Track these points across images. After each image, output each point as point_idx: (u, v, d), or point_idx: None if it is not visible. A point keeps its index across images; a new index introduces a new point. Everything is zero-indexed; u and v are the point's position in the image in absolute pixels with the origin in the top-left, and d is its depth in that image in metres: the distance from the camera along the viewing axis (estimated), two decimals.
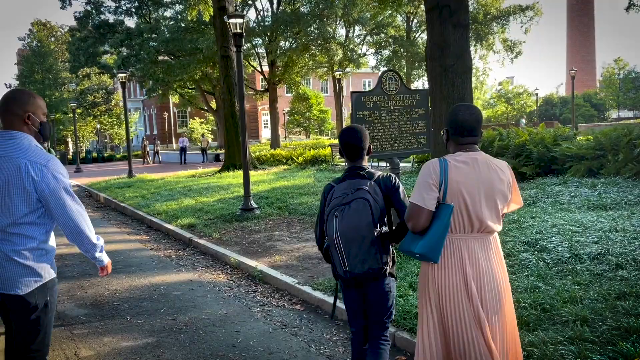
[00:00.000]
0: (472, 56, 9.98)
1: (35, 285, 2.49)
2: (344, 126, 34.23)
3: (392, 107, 6.44)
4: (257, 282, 6.40)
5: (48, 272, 2.56)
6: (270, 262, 6.90)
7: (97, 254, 2.69)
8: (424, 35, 41.97)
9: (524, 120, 43.09)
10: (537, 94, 48.46)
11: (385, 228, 3.14)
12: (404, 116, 6.54)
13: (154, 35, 32.62)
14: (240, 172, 17.51)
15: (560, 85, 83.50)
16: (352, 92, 6.23)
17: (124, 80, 19.58)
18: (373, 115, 6.33)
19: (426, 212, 2.60)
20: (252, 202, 10.36)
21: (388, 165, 7.35)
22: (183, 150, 31.35)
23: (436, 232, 2.56)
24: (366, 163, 3.39)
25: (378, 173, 3.27)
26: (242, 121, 10.45)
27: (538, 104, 51.36)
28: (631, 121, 32.73)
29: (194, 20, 30.67)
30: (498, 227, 2.65)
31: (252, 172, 17.77)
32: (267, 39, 32.33)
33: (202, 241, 8.49)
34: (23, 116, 2.50)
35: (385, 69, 29.50)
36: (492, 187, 2.56)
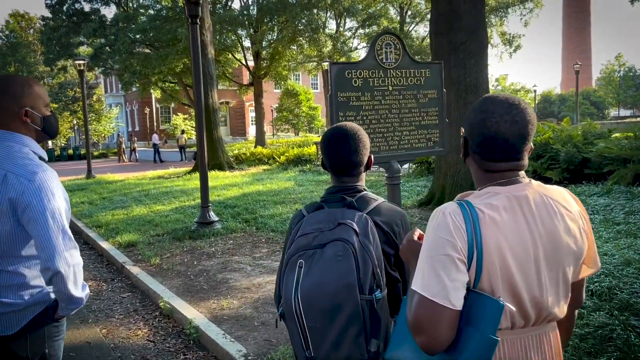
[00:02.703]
0: None
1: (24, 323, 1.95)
2: (331, 125, 32.38)
3: (390, 88, 4.36)
4: (189, 344, 4.31)
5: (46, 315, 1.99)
6: (215, 310, 4.82)
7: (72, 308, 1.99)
8: (419, 28, 40.00)
9: None
10: (535, 91, 46.65)
11: (379, 293, 1.70)
12: (407, 101, 4.46)
13: (131, 26, 30.43)
14: (214, 173, 15.42)
15: (556, 85, 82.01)
16: (331, 63, 4.14)
17: (82, 68, 17.36)
18: (362, 99, 4.24)
19: (451, 315, 1.29)
20: (211, 213, 8.25)
21: (384, 171, 5.29)
22: (156, 147, 29.21)
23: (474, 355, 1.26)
24: (362, 182, 1.97)
25: (377, 202, 1.87)
26: (199, 112, 8.32)
27: (536, 102, 49.58)
28: (633, 120, 31.00)
29: (171, 7, 28.46)
30: (564, 311, 1.43)
31: (226, 174, 15.69)
32: (251, 29, 30.19)
33: (135, 269, 6.38)
34: (19, 113, 1.93)
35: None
36: (557, 247, 1.37)
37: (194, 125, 43.91)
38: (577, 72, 30.59)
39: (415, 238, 1.52)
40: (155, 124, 48.49)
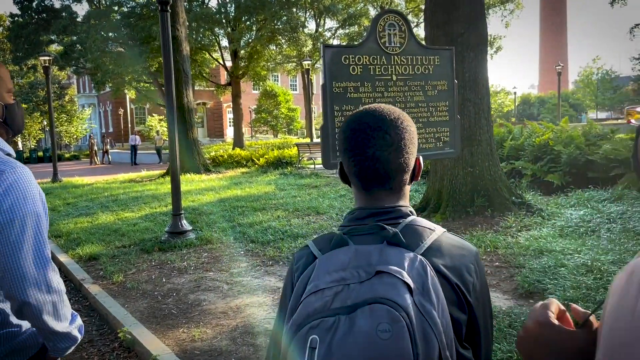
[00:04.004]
0: None
1: None
2: (314, 126, 31.59)
3: (394, 77, 3.65)
4: None
5: None
6: (184, 342, 4.05)
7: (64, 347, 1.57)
8: None
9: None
10: (515, 93, 46.63)
11: None
12: (413, 93, 3.76)
13: (103, 23, 29.31)
14: (189, 176, 14.58)
15: (534, 87, 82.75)
16: (324, 46, 3.42)
17: (47, 64, 16.32)
18: (362, 91, 3.52)
19: None
20: (184, 222, 7.45)
21: None
22: (134, 149, 28.15)
23: None
24: (406, 200, 1.20)
25: (435, 234, 1.11)
26: (171, 110, 7.51)
27: (516, 104, 49.63)
28: (614, 122, 31.00)
29: (145, 4, 27.49)
30: None
31: (202, 177, 14.84)
32: (229, 28, 29.32)
33: (95, 288, 5.56)
34: None
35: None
36: None
37: None
38: (559, 74, 30.48)
39: (553, 318, 0.80)
40: (130, 125, 47.13)
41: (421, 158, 1.17)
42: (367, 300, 0.96)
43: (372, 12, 36.58)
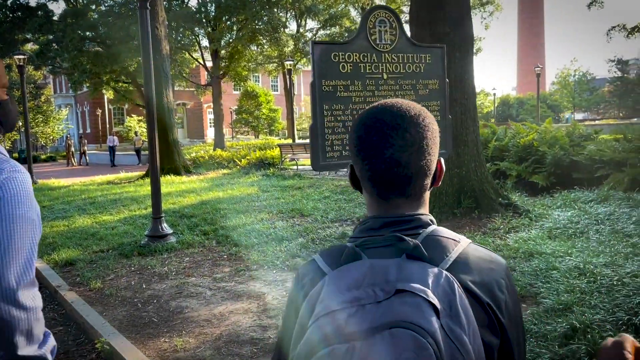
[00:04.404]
0: None
1: None
2: (295, 127, 31.40)
3: (385, 76, 3.53)
4: None
5: None
6: (166, 352, 3.88)
7: None
8: None
9: None
10: (494, 94, 47.07)
11: None
12: (405, 92, 3.64)
13: (80, 22, 28.74)
14: (169, 178, 14.31)
15: (512, 88, 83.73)
16: (314, 43, 3.27)
17: (22, 64, 15.91)
18: (352, 90, 3.39)
19: None
20: (164, 225, 7.23)
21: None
22: (112, 150, 27.66)
23: None
24: (426, 208, 1.03)
25: (461, 246, 0.95)
26: (150, 110, 7.29)
27: (495, 105, 50.09)
28: (587, 122, 31.44)
29: (123, 2, 27.06)
30: None
31: (182, 179, 14.58)
32: (209, 27, 29.00)
33: (71, 295, 5.33)
34: None
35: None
36: None
37: None
38: (537, 75, 30.81)
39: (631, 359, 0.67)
40: (107, 125, 46.37)
41: (442, 160, 1.03)
42: (386, 324, 0.82)
43: (354, 13, 36.57)
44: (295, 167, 16.08)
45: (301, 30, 34.40)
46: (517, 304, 0.98)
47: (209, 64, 30.95)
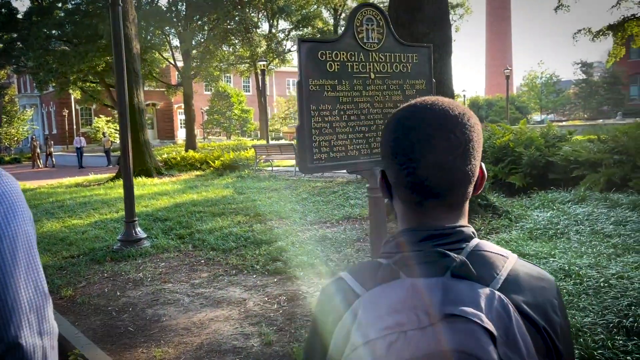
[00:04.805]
0: None
1: None
2: (268, 128, 31.19)
3: (372, 75, 3.44)
4: None
5: None
6: None
7: None
8: None
9: None
10: (464, 96, 47.71)
11: None
12: (392, 92, 3.55)
13: (46, 20, 27.92)
14: (141, 180, 13.98)
15: (480, 90, 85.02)
16: (300, 40, 3.16)
17: None
18: (340, 89, 3.29)
19: None
20: (138, 229, 7.01)
21: (364, 181, 4.30)
22: (80, 151, 26.97)
23: None
24: (466, 218, 0.92)
25: (510, 262, 0.85)
26: (123, 111, 7.06)
27: (465, 106, 50.78)
28: (554, 124, 32.11)
29: (91, 0, 26.43)
30: None
31: (154, 180, 14.26)
32: (180, 27, 28.54)
33: None
34: None
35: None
36: None
37: (117, 128, 41.46)
38: (507, 77, 31.35)
39: None
40: (75, 126, 45.24)
41: (484, 165, 0.93)
42: (435, 354, 0.72)
43: (326, 14, 36.57)
44: (270, 168, 15.91)
45: (273, 30, 34.22)
46: (569, 326, 0.89)
47: (180, 63, 30.46)
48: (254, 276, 5.45)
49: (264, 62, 25.77)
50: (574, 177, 7.42)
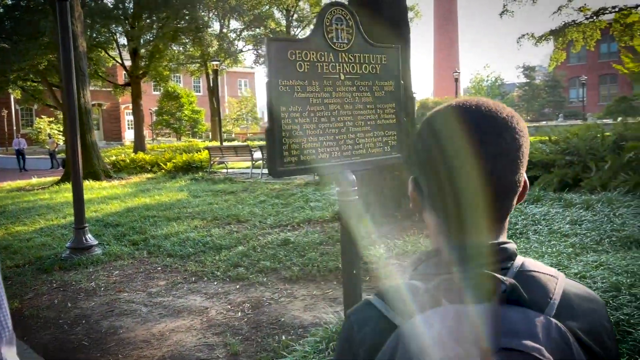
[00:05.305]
0: None
1: None
2: (221, 129, 30.72)
3: (342, 76, 3.36)
4: None
5: None
6: None
7: None
8: (305, 33, 39.64)
9: None
10: (415, 98, 48.60)
11: None
12: (362, 94, 3.49)
13: None
14: (88, 183, 13.42)
15: (429, 93, 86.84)
16: (269, 39, 3.03)
17: None
18: (310, 90, 3.18)
19: None
20: (88, 236, 6.68)
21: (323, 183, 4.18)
22: (20, 154, 25.70)
23: None
24: (506, 234, 0.82)
25: (558, 283, 0.75)
26: (72, 112, 6.70)
27: (415, 108, 51.74)
28: None
29: None
30: None
31: (103, 184, 13.73)
32: (127, 25, 27.67)
33: None
34: None
35: (329, 2, 26.22)
36: None
37: (61, 130, 39.79)
38: (456, 80, 32.11)
39: None
40: (15, 127, 43.09)
41: (525, 175, 0.85)
42: None
43: (278, 15, 36.38)
44: (225, 170, 15.60)
45: (225, 30, 33.72)
46: (618, 353, 0.82)
47: (128, 63, 29.52)
48: (215, 283, 5.26)
49: (217, 62, 25.30)
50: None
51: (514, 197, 0.79)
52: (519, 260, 0.78)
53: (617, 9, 25.68)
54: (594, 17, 26.91)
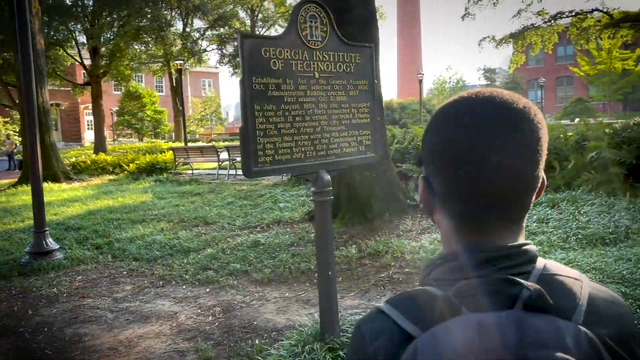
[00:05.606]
0: None
1: None
2: (185, 129, 30.19)
3: (317, 75, 3.31)
4: None
5: None
6: None
7: None
8: (270, 33, 39.41)
9: None
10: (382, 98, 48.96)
11: None
12: (336, 93, 3.45)
13: None
14: (48, 185, 12.95)
15: (393, 94, 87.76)
16: (242, 36, 2.96)
17: None
18: (284, 89, 3.13)
19: None
20: (49, 240, 6.42)
21: (291, 183, 4.09)
22: None
23: None
24: (524, 235, 0.76)
25: (583, 286, 0.70)
26: (31, 112, 6.44)
27: None
28: None
29: None
30: None
31: (62, 186, 13.30)
32: (87, 23, 26.91)
33: None
34: None
35: (303, 2, 26.17)
36: None
37: (17, 130, 38.37)
38: (420, 82, 32.57)
39: None
40: None
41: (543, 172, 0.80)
42: None
43: (242, 14, 36.06)
44: (190, 171, 15.34)
45: (188, 29, 33.20)
46: None
47: (87, 61, 28.70)
48: (184, 287, 5.13)
49: (181, 62, 24.86)
50: None
51: (532, 194, 0.74)
52: (541, 262, 0.74)
53: (573, 14, 26.54)
54: (552, 21, 27.77)
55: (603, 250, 4.68)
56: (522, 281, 0.67)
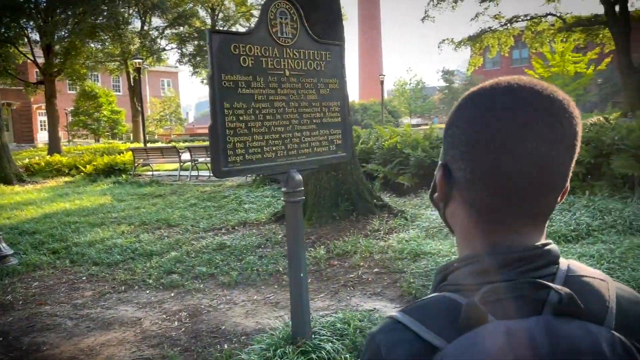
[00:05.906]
0: None
1: None
2: (144, 130, 29.52)
3: (287, 72, 3.24)
4: None
5: None
6: None
7: None
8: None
9: None
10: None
11: None
12: (307, 91, 3.39)
13: None
14: None
15: (354, 96, 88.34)
16: (211, 32, 2.87)
17: None
18: (254, 86, 3.05)
19: None
20: (2, 245, 6.12)
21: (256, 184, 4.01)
22: None
23: None
24: (545, 235, 0.72)
25: (608, 286, 0.67)
26: None
27: None
28: (422, 127, 34.35)
29: None
30: None
31: (15, 188, 12.78)
32: (40, 19, 25.95)
33: None
34: None
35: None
36: None
37: None
38: (382, 83, 32.82)
39: None
40: None
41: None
42: None
43: (202, 13, 35.55)
44: (150, 173, 14.97)
45: (146, 27, 32.48)
46: None
47: (41, 60, 27.69)
48: (147, 292, 4.96)
49: (139, 60, 24.27)
50: None
51: (559, 194, 0.70)
52: (564, 263, 0.70)
53: (528, 17, 27.31)
54: (508, 25, 28.50)
55: (566, 247, 4.78)
56: (552, 285, 0.63)
